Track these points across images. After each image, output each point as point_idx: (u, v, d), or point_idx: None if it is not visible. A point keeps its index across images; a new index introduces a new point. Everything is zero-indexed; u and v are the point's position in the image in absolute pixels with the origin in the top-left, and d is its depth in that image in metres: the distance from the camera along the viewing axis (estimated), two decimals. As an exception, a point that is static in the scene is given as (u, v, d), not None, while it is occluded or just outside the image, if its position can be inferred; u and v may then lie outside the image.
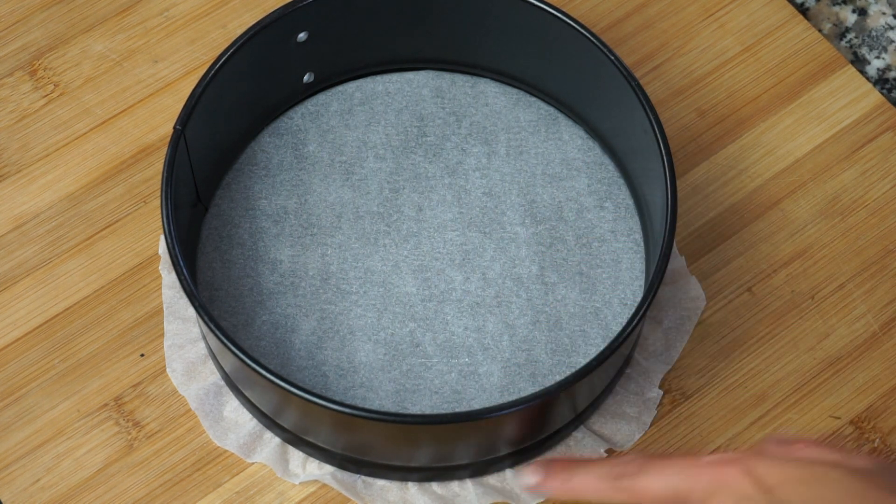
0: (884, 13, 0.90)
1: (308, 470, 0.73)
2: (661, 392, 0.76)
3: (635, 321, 0.68)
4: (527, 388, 0.74)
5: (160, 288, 0.78)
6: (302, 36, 0.78)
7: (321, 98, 0.82)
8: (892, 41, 0.89)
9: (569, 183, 0.80)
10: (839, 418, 0.76)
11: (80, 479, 0.73)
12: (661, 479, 0.59)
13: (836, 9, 0.90)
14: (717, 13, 0.88)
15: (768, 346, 0.78)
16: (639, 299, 0.73)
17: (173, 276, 0.77)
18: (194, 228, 0.77)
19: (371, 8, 0.78)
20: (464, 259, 0.78)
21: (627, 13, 0.88)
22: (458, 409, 0.74)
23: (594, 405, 0.75)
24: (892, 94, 0.87)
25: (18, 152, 0.82)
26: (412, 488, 0.73)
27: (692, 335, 0.78)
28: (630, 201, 0.79)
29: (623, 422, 0.75)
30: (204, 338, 0.75)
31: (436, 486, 0.73)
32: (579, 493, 0.63)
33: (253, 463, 0.74)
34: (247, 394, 0.73)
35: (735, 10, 0.88)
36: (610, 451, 0.75)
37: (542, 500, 0.73)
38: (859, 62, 0.88)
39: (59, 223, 0.80)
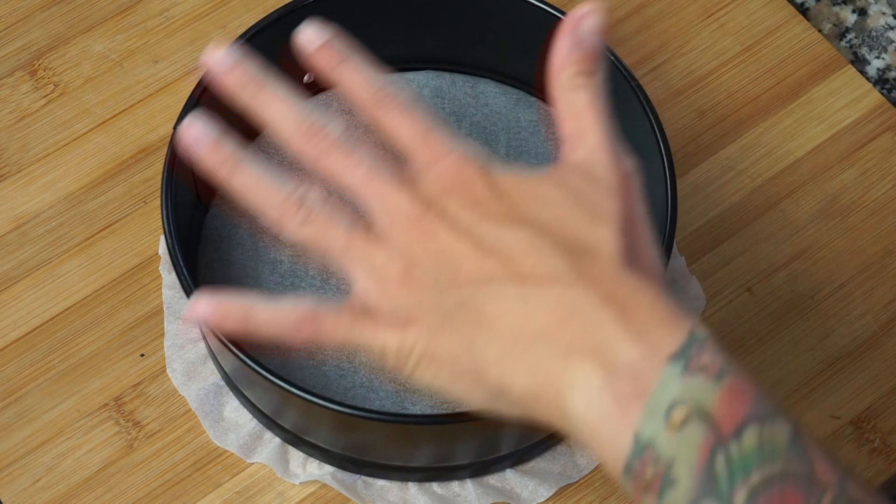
0: (884, 13, 0.90)
1: (308, 470, 0.73)
2: (661, 392, 0.76)
3: (635, 321, 0.68)
4: (527, 389, 0.74)
5: (160, 288, 0.78)
6: (302, 36, 0.77)
7: (321, 98, 0.82)
8: (892, 41, 0.89)
9: (569, 183, 0.80)
10: (839, 418, 0.76)
11: (80, 479, 0.73)
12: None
13: (836, 9, 0.90)
14: (717, 13, 0.88)
15: (768, 346, 0.78)
16: (639, 299, 0.73)
17: (173, 276, 0.77)
18: (194, 228, 0.77)
19: (371, 8, 0.78)
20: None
21: (627, 13, 0.88)
22: (458, 410, 0.74)
23: (594, 405, 0.75)
24: (892, 94, 0.87)
25: (18, 152, 0.82)
26: (412, 488, 0.73)
27: (692, 335, 0.78)
28: (630, 201, 0.79)
29: (623, 422, 0.75)
30: (204, 338, 0.75)
31: (436, 487, 0.73)
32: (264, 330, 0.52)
33: (253, 463, 0.74)
34: (247, 394, 0.73)
35: (735, 10, 0.88)
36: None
37: (542, 500, 0.73)
38: (859, 62, 0.88)
39: (59, 223, 0.80)
